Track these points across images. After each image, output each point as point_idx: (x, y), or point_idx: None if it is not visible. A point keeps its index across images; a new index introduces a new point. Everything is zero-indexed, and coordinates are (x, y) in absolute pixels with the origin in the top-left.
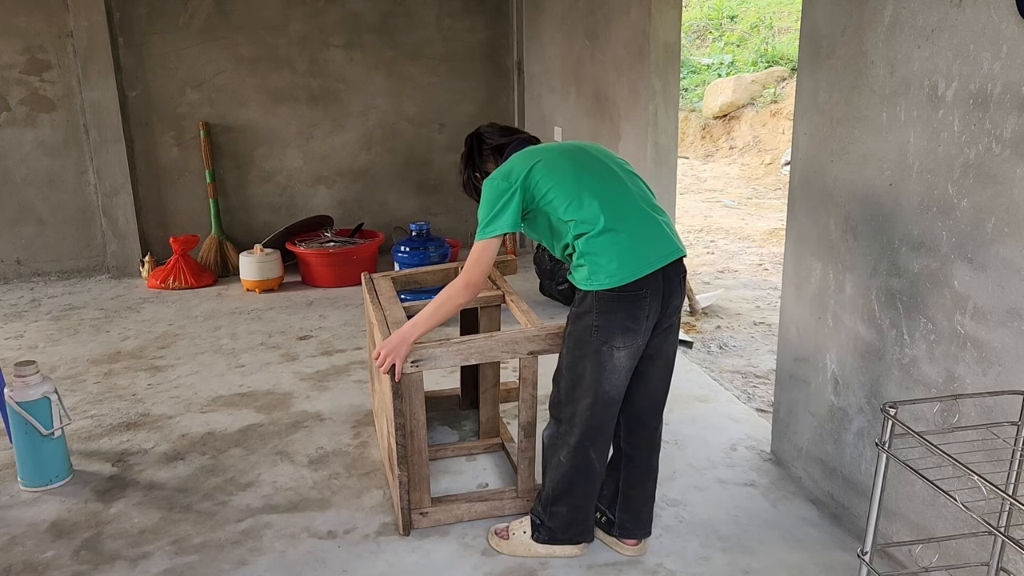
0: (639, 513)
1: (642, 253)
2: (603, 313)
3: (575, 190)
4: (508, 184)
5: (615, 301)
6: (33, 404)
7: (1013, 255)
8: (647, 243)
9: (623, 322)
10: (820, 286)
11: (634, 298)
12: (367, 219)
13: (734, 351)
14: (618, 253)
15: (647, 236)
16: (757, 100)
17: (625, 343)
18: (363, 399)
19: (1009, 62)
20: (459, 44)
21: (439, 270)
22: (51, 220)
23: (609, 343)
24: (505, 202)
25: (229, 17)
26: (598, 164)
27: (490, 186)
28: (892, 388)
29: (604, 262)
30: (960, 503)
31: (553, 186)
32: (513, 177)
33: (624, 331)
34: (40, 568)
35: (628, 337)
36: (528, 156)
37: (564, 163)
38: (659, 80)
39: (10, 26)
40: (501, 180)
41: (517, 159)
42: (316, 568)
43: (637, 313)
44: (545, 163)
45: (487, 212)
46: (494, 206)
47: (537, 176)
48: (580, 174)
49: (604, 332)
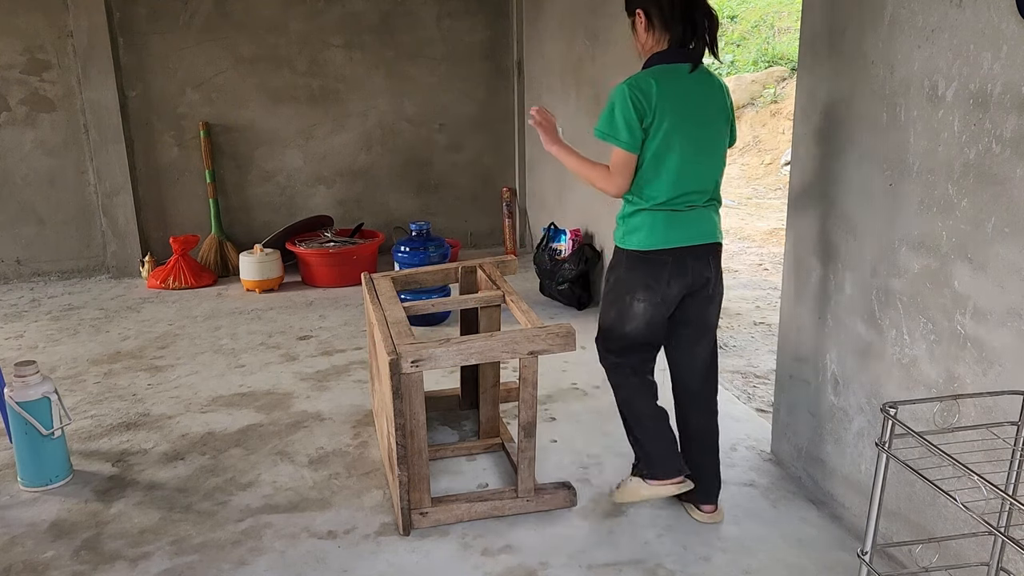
0: (707, 478)
1: (671, 234)
2: (629, 269)
3: (665, 157)
4: (643, 110)
5: (639, 260)
6: (33, 404)
7: (1013, 255)
8: (682, 228)
9: (644, 279)
10: (820, 286)
11: (656, 262)
12: (367, 219)
13: (734, 351)
14: (651, 230)
15: (685, 223)
16: (757, 100)
17: (645, 297)
18: (363, 399)
19: (1009, 62)
20: (459, 44)
21: (439, 270)
22: (51, 220)
23: (631, 293)
24: (638, 124)
25: (229, 17)
26: (701, 140)
27: (629, 96)
28: (892, 388)
29: (637, 230)
30: (960, 503)
31: (656, 146)
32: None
33: (645, 287)
34: (40, 568)
35: (648, 292)
36: (667, 104)
37: (679, 133)
38: None
39: (10, 26)
40: (642, 100)
41: (659, 95)
42: (316, 568)
43: (657, 274)
44: (671, 122)
45: (623, 123)
46: (629, 119)
47: (655, 132)
48: (681, 147)
49: (628, 284)
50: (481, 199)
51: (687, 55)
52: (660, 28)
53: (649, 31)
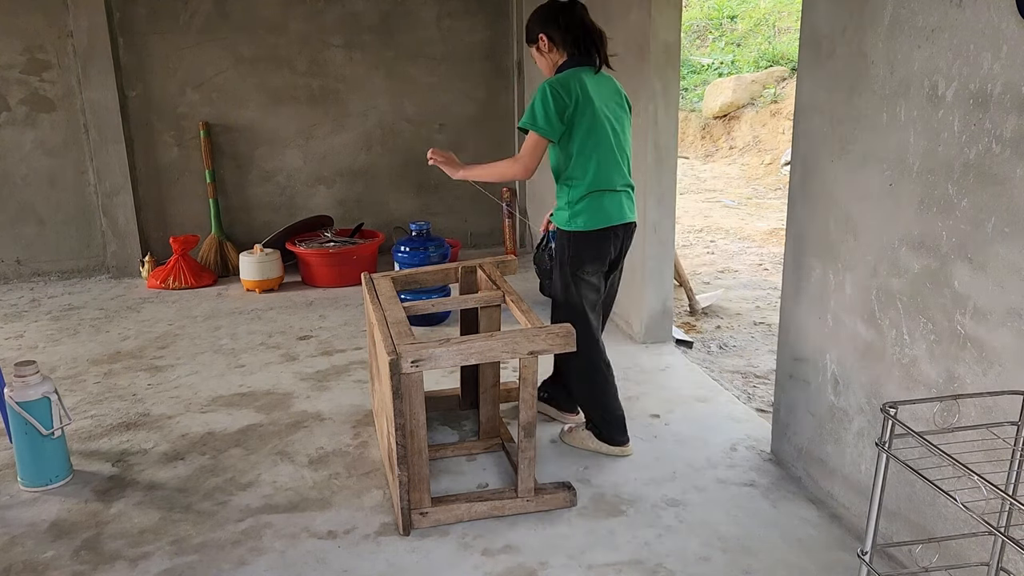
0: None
1: (607, 215)
2: (579, 246)
3: (591, 151)
4: (564, 104)
5: (585, 239)
6: (33, 404)
7: (1013, 255)
8: (614, 209)
9: (592, 253)
10: (820, 286)
11: (601, 237)
12: (367, 219)
13: (734, 351)
14: (592, 213)
15: (616, 204)
16: (757, 100)
17: (594, 269)
18: (363, 399)
19: (1009, 62)
20: (459, 44)
21: (439, 270)
22: (51, 220)
23: (584, 267)
24: (556, 115)
25: (229, 17)
26: (615, 135)
27: (549, 92)
28: (892, 388)
29: (580, 214)
30: (960, 503)
31: (582, 137)
32: (569, 101)
33: (592, 260)
34: (40, 568)
35: (595, 265)
36: (585, 95)
37: (598, 125)
38: (659, 80)
39: (10, 26)
40: (562, 94)
41: (579, 89)
42: (316, 568)
43: (602, 248)
44: (592, 114)
45: (542, 112)
46: (548, 110)
47: (580, 121)
48: (600, 141)
49: (578, 261)
50: (481, 199)
51: (589, 60)
52: (561, 45)
53: (553, 49)
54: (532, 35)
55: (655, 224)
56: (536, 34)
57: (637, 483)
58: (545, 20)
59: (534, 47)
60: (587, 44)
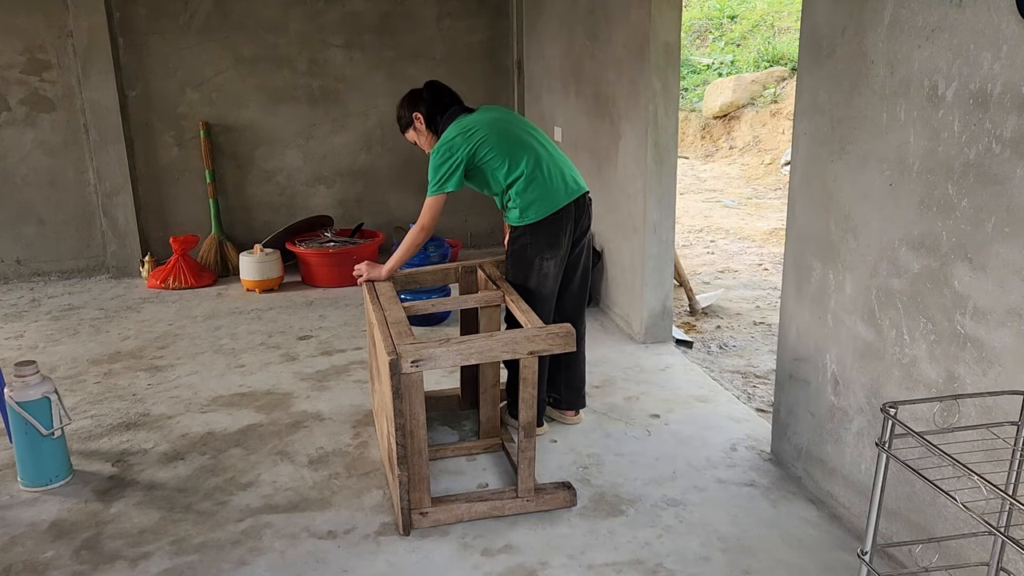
0: (578, 390)
1: (555, 196)
2: (534, 235)
3: (509, 155)
4: (454, 157)
5: (540, 226)
6: (33, 404)
7: (1013, 255)
8: (558, 188)
9: (548, 240)
10: (820, 286)
11: (553, 223)
12: (367, 219)
13: (734, 351)
14: (538, 198)
15: (557, 183)
16: (757, 100)
17: (552, 255)
18: (363, 399)
19: (1009, 62)
20: (459, 44)
21: (439, 270)
22: (51, 220)
23: (540, 256)
24: (452, 169)
25: (229, 17)
26: (522, 132)
27: (439, 154)
28: (892, 388)
29: (530, 204)
30: (960, 503)
31: (494, 156)
32: (458, 151)
33: (549, 246)
34: (40, 568)
35: (553, 251)
36: (468, 133)
37: (499, 136)
38: (659, 80)
39: (10, 26)
40: (447, 152)
41: (459, 136)
42: (316, 568)
43: (558, 232)
44: (486, 140)
45: (435, 175)
46: (441, 171)
47: (481, 151)
48: (512, 142)
49: (535, 248)
50: (481, 199)
51: (463, 108)
52: (432, 116)
53: (428, 124)
54: (406, 120)
55: (655, 224)
56: (409, 117)
57: (637, 483)
58: (412, 103)
59: (411, 129)
60: (454, 98)
